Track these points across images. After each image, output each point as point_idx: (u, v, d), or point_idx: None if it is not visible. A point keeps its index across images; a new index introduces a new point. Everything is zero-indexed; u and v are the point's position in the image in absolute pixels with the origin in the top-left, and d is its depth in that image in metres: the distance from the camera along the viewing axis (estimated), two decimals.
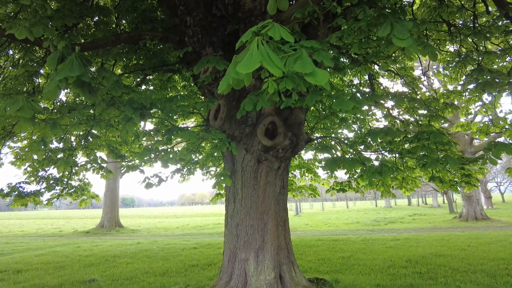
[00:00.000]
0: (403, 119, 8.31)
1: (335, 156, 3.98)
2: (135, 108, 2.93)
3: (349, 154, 4.67)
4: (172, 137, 4.05)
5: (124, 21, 6.29)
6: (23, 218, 47.93)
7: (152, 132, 4.14)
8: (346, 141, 5.21)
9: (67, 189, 9.57)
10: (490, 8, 7.04)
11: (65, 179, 9.28)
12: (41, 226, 28.41)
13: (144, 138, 4.15)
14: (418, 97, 7.02)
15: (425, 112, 7.95)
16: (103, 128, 5.46)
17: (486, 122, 9.51)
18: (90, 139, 8.05)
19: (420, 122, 7.39)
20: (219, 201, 9.80)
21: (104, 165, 8.71)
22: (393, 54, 7.33)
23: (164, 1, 5.33)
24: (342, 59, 5.66)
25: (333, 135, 6.33)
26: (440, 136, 4.52)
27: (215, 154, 8.18)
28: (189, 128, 4.40)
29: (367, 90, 7.19)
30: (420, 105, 4.55)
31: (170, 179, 4.64)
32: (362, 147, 4.80)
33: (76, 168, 9.61)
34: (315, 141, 5.61)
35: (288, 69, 1.64)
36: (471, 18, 7.31)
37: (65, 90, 9.90)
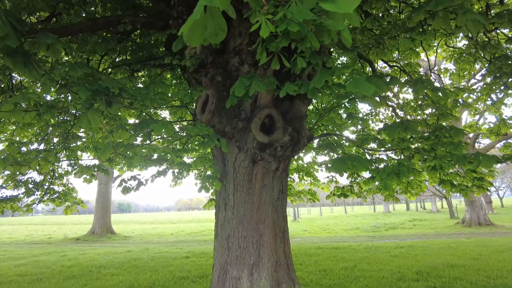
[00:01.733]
0: (410, 119, 7.74)
1: (343, 154, 3.37)
2: (96, 92, 2.32)
3: (357, 153, 4.07)
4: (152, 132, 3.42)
5: (103, 9, 5.68)
6: (15, 224, 46.82)
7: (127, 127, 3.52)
8: (352, 139, 4.62)
9: (48, 194, 8.88)
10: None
11: (46, 184, 8.61)
12: (31, 233, 27.50)
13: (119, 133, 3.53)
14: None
15: (433, 110, 7.39)
16: (80, 124, 4.85)
17: (496, 122, 8.95)
18: (71, 139, 7.37)
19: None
20: (213, 207, 9.13)
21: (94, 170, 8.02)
22: (397, 50, 6.78)
23: None
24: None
25: (337, 133, 5.70)
26: (461, 133, 3.92)
27: (207, 153, 7.53)
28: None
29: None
30: (444, 95, 3.96)
31: (150, 182, 4.00)
32: (373, 145, 4.20)
33: (59, 170, 8.95)
34: (319, 139, 5.00)
35: None
36: (483, 8, 6.79)
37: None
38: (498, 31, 6.71)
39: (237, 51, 3.69)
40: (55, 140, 8.61)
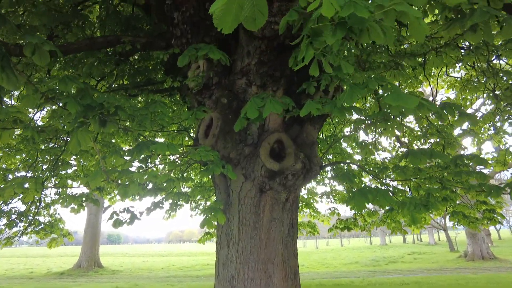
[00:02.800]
0: (415, 147, 7.50)
1: (363, 186, 3.03)
2: (88, 107, 1.99)
3: (374, 184, 3.73)
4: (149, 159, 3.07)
5: (101, 31, 5.50)
6: None
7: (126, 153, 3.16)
8: (368, 167, 4.30)
9: (33, 226, 8.27)
10: None
11: (31, 214, 8.02)
12: (12, 266, 25.92)
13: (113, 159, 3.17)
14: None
15: (438, 140, 7.17)
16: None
17: (501, 150, 8.74)
18: (59, 165, 6.93)
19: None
20: (209, 241, 8.54)
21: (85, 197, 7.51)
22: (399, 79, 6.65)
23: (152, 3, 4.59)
24: None
25: (347, 161, 5.37)
26: (484, 162, 3.64)
27: (205, 182, 7.11)
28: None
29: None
30: (473, 122, 3.69)
31: (146, 215, 3.58)
32: (391, 175, 3.89)
33: (46, 199, 8.40)
34: (330, 167, 4.68)
35: None
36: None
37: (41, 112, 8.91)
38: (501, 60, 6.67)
39: (244, 72, 3.44)
40: (44, 167, 8.13)
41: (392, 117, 2.90)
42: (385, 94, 1.76)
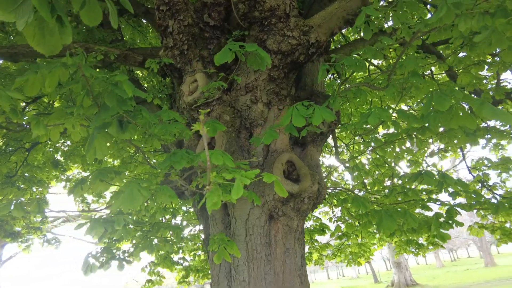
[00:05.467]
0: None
1: (385, 209, 2.90)
2: (121, 101, 1.48)
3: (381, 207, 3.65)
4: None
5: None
6: None
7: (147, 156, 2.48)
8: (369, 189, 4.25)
9: None
10: None
11: None
12: None
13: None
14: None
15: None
16: None
17: None
18: None
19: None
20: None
21: None
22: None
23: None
24: None
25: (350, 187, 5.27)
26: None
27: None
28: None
29: None
30: None
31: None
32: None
33: None
34: (333, 191, 4.53)
35: None
36: None
37: None
38: None
39: (250, 88, 3.18)
40: None
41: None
42: (479, 107, 1.71)
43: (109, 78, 1.44)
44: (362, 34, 2.94)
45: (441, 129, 3.41)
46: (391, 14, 3.15)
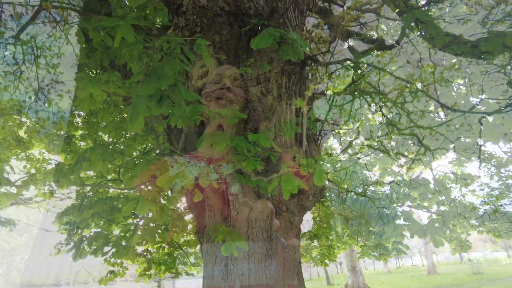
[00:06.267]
0: None
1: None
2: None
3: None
4: None
5: None
6: None
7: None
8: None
9: None
10: None
11: None
12: None
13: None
14: None
15: None
16: None
17: None
18: None
19: None
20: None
21: None
22: None
23: None
24: None
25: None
26: None
27: None
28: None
29: None
30: None
31: None
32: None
33: None
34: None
35: None
36: None
37: None
38: None
39: (261, 80, 3.12)
40: None
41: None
42: None
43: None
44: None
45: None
46: None
